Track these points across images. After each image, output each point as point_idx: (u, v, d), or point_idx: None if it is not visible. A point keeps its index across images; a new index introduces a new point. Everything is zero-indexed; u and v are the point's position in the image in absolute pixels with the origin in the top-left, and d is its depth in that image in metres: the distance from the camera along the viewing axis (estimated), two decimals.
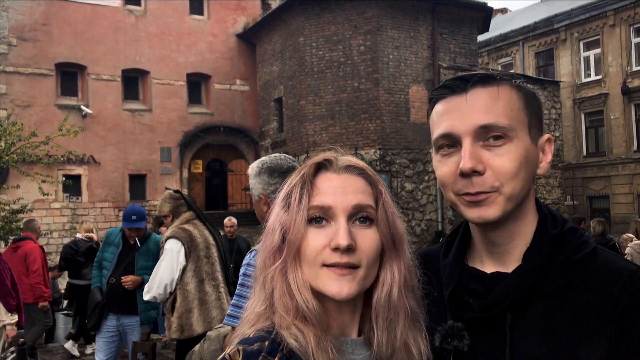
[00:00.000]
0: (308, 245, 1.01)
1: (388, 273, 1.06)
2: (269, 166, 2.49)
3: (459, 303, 1.12)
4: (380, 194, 1.07)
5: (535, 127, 1.09)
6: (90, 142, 16.55)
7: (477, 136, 1.06)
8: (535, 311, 1.04)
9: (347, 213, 1.02)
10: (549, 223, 1.10)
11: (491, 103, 1.06)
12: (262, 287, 1.06)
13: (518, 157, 1.05)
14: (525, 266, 1.06)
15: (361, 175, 1.07)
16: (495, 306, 1.06)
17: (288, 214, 1.04)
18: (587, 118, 22.30)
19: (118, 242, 5.38)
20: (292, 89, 16.70)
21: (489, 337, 1.07)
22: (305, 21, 16.16)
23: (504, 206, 1.06)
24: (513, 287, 1.05)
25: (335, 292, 0.99)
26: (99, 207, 16.90)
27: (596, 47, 21.82)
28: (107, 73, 17.17)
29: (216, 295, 4.34)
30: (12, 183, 13.06)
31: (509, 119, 1.06)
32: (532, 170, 1.09)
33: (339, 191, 1.03)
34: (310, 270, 1.02)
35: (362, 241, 1.02)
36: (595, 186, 21.74)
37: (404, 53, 16.05)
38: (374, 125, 15.63)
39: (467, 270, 1.15)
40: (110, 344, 5.30)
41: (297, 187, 1.05)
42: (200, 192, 18.60)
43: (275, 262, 1.04)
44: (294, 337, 0.97)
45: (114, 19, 17.29)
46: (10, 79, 15.96)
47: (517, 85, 1.10)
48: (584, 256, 1.06)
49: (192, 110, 18.52)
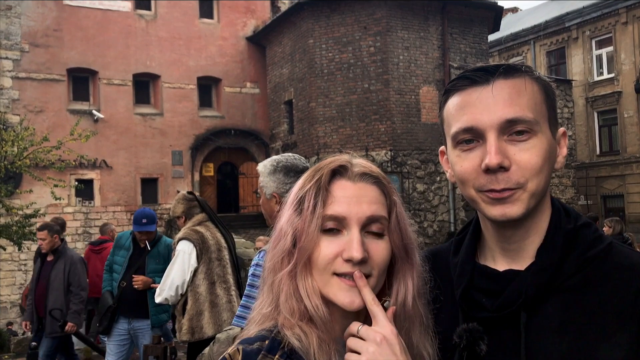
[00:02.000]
0: (320, 253, 1.01)
1: (402, 283, 1.06)
2: (285, 165, 2.47)
3: (471, 302, 1.09)
4: (394, 205, 1.07)
5: (553, 120, 1.07)
6: (102, 146, 16.65)
7: (502, 130, 1.02)
8: (551, 309, 1.01)
9: (360, 223, 1.02)
10: (562, 218, 1.07)
11: (516, 96, 1.02)
12: (270, 289, 1.06)
13: (543, 152, 1.01)
14: (539, 263, 1.03)
15: (376, 184, 1.07)
16: (509, 305, 1.03)
17: (301, 219, 1.04)
18: (600, 117, 22.10)
19: (129, 245, 5.39)
20: (302, 91, 16.70)
21: (503, 337, 1.04)
22: (314, 23, 16.17)
23: (528, 203, 1.02)
24: (527, 285, 1.02)
25: (347, 303, 1.00)
26: (111, 211, 17.00)
27: (608, 45, 21.63)
28: (118, 77, 17.28)
29: (227, 298, 4.32)
30: (26, 188, 13.16)
31: (534, 113, 1.02)
32: (553, 164, 1.06)
33: (353, 201, 1.03)
34: (321, 277, 1.02)
35: (374, 252, 1.02)
36: (609, 185, 21.54)
37: (414, 53, 16.01)
38: (385, 127, 15.58)
39: (478, 268, 1.12)
40: (121, 347, 5.31)
41: (311, 193, 1.04)
42: (211, 195, 18.65)
43: (284, 266, 1.05)
44: (297, 337, 0.98)
45: (125, 23, 17.41)
46: (23, 85, 16.10)
47: (537, 78, 1.06)
48: (599, 251, 1.03)
49: (203, 113, 18.59)
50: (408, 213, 1.11)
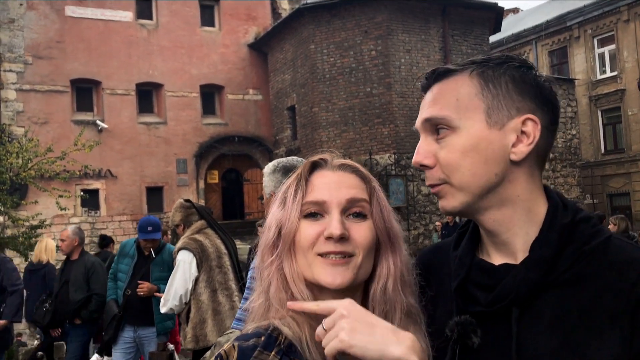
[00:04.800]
0: (301, 235, 1.03)
1: (384, 266, 1.06)
2: (284, 165, 2.50)
3: (466, 296, 1.08)
4: (374, 190, 1.09)
5: (500, 110, 1.03)
6: (107, 156, 16.72)
7: (428, 130, 1.07)
8: (544, 304, 1.00)
9: (340, 207, 1.04)
10: (559, 212, 1.04)
11: (438, 96, 1.07)
12: (260, 281, 1.08)
13: (460, 147, 1.03)
14: (532, 257, 1.01)
15: (355, 172, 1.10)
16: (501, 299, 1.01)
17: (284, 210, 1.07)
18: (604, 115, 22.04)
19: (133, 253, 5.39)
20: (305, 96, 16.73)
21: (495, 332, 1.02)
22: (315, 29, 16.21)
23: (459, 197, 1.05)
24: (519, 280, 1.00)
25: (328, 281, 1.00)
26: (117, 220, 17.05)
27: (611, 43, 21.58)
28: (122, 87, 17.36)
29: (230, 305, 4.32)
30: (31, 199, 13.21)
31: (451, 109, 1.04)
32: (492, 156, 1.03)
33: (333, 186, 1.06)
34: (305, 260, 1.03)
35: (356, 232, 1.03)
36: (615, 184, 21.45)
37: (416, 56, 16.02)
38: (388, 130, 15.59)
39: (476, 262, 1.10)
40: (127, 355, 5.31)
41: (293, 185, 1.08)
42: (216, 202, 18.68)
43: (271, 256, 1.07)
44: (288, 327, 0.98)
45: (127, 33, 17.50)
46: (27, 97, 16.20)
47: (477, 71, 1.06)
48: (596, 245, 1.01)
49: (207, 121, 18.65)
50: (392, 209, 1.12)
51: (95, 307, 6.03)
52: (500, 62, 1.06)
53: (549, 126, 1.05)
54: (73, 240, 6.35)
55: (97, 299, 6.01)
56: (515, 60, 1.06)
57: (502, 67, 1.06)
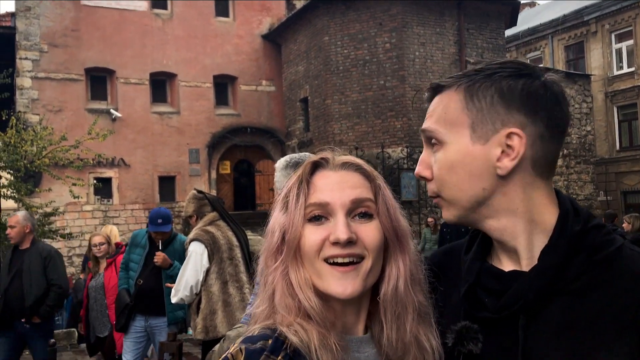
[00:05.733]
0: (306, 240, 1.00)
1: (393, 267, 1.04)
2: (297, 161, 2.49)
3: (474, 301, 1.07)
4: (379, 188, 1.06)
5: (484, 124, 1.02)
6: (120, 145, 16.81)
7: (427, 142, 1.10)
8: (552, 312, 0.99)
9: (345, 208, 1.00)
10: (570, 219, 1.03)
11: (432, 110, 1.10)
12: (264, 287, 1.05)
13: (447, 163, 1.04)
14: (540, 265, 1.00)
15: (358, 171, 1.06)
16: (509, 306, 1.00)
17: (287, 214, 1.03)
18: (620, 111, 21.81)
19: (145, 243, 5.42)
20: (318, 88, 16.70)
21: (502, 338, 1.02)
22: (330, 20, 16.15)
23: (452, 211, 1.07)
24: (527, 288, 0.99)
25: (339, 291, 0.98)
26: (129, 209, 17.17)
27: (629, 38, 21.32)
28: (136, 77, 17.42)
29: (240, 297, 4.34)
30: (45, 187, 13.33)
31: (440, 124, 1.06)
32: (478, 172, 1.02)
33: (336, 187, 1.02)
34: (313, 267, 1.00)
35: (364, 233, 1.00)
36: (629, 181, 21.24)
37: (430, 49, 15.92)
38: (401, 123, 15.53)
39: (486, 267, 1.09)
40: (137, 344, 5.35)
41: (295, 187, 1.04)
42: (228, 192, 18.74)
43: (275, 262, 1.03)
44: (296, 334, 0.95)
45: (141, 23, 17.54)
46: (42, 85, 16.31)
47: (462, 86, 1.05)
48: (607, 255, 0.99)
49: (219, 111, 18.68)
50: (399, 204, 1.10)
51: (53, 300, 5.50)
52: (490, 73, 1.04)
53: (545, 134, 1.01)
54: (24, 227, 5.70)
55: (57, 291, 5.50)
56: (507, 69, 1.03)
57: (490, 79, 1.03)
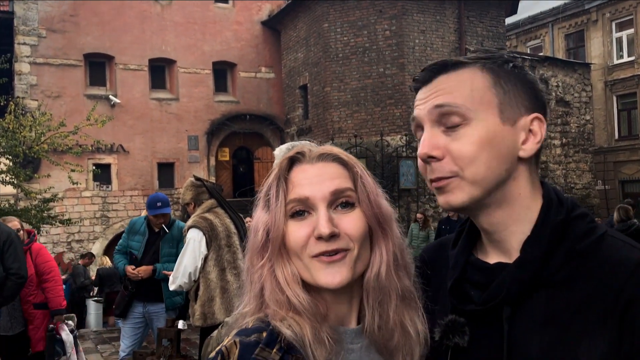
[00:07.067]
0: (291, 237, 1.00)
1: (377, 254, 1.04)
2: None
3: (460, 295, 1.08)
4: (357, 176, 1.05)
5: (512, 107, 1.04)
6: (119, 131, 16.79)
7: (435, 121, 1.05)
8: (536, 303, 1.00)
9: (326, 201, 1.00)
10: (552, 209, 1.04)
11: (451, 86, 1.05)
12: (250, 286, 1.05)
13: (477, 140, 1.01)
14: (523, 257, 1.01)
15: (335, 160, 1.06)
16: (493, 298, 1.02)
17: (268, 212, 1.03)
18: (620, 100, 21.76)
19: (144, 230, 5.45)
20: (317, 75, 16.66)
21: (488, 331, 1.03)
22: (329, 7, 16.07)
23: (470, 191, 1.02)
24: (510, 279, 1.00)
25: (327, 281, 0.98)
26: (128, 195, 17.19)
27: (629, 27, 21.23)
28: (135, 62, 17.36)
29: (238, 284, 4.35)
30: (44, 172, 13.34)
31: (466, 99, 1.03)
32: (505, 152, 1.03)
33: (315, 180, 1.02)
34: (301, 262, 1.00)
35: (346, 224, 1.00)
36: (627, 170, 21.26)
37: (430, 37, 15.86)
38: (400, 111, 15.51)
39: (472, 261, 1.11)
40: (136, 330, 5.41)
41: (274, 185, 1.04)
42: (227, 179, 18.75)
43: (262, 260, 1.03)
44: (289, 329, 0.96)
45: (140, 8, 17.45)
46: (41, 70, 16.25)
47: (487, 67, 1.06)
48: (589, 244, 1.00)
49: (219, 98, 18.64)
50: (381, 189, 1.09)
51: (11, 291, 4.61)
52: (506, 60, 1.07)
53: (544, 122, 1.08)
54: None
55: (16, 281, 4.60)
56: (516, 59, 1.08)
57: (508, 65, 1.06)
